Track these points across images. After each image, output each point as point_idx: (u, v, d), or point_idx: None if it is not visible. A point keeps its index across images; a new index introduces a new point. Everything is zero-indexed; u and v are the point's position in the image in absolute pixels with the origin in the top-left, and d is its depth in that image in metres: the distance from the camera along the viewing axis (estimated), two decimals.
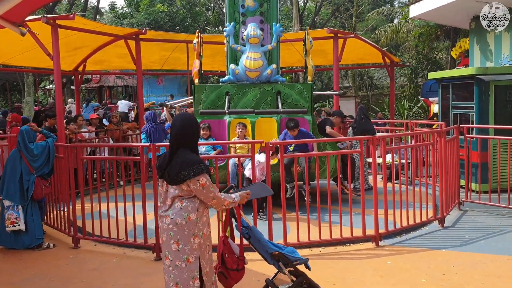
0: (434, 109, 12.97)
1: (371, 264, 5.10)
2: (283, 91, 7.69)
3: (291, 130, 7.06)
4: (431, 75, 9.68)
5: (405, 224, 6.04)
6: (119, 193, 5.91)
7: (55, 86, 8.63)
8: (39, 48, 8.02)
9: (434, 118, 12.68)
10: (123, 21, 25.99)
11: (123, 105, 17.92)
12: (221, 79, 8.17)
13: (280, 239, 5.43)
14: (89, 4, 29.43)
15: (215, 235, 4.31)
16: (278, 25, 7.80)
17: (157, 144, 5.64)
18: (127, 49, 10.26)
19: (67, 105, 17.68)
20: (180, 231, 3.41)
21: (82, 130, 9.71)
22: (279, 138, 7.31)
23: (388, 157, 8.16)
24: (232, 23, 7.82)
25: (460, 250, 5.44)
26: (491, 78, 8.04)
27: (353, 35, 10.90)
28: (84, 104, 17.25)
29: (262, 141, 5.83)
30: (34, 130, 6.22)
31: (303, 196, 6.84)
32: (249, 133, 7.48)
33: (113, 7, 31.20)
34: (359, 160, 6.48)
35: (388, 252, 5.46)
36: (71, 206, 6.02)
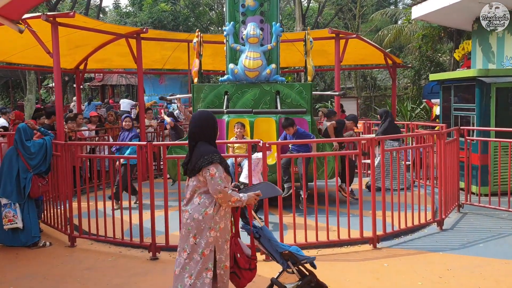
0: (437, 111, 12.88)
1: (368, 266, 5.06)
2: (282, 91, 7.65)
3: (286, 129, 7.02)
4: (433, 77, 9.62)
5: (404, 226, 6.00)
6: None
7: (55, 84, 8.61)
8: (40, 46, 8.00)
9: (437, 120, 12.61)
10: (127, 20, 26.05)
11: (126, 104, 17.92)
12: (220, 79, 8.14)
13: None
14: (93, 3, 29.51)
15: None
16: (278, 25, 7.76)
17: (154, 143, 5.61)
18: (128, 48, 10.25)
19: (72, 103, 17.71)
20: (198, 226, 3.49)
21: (82, 129, 9.69)
22: (280, 139, 7.28)
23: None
24: (232, 23, 7.79)
25: (459, 253, 5.39)
26: (493, 80, 7.98)
27: (355, 36, 10.84)
28: (86, 103, 17.27)
29: (260, 141, 5.78)
30: (32, 128, 6.19)
31: (300, 197, 6.80)
32: (248, 133, 7.45)
33: (117, 6, 31.29)
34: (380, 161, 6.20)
35: (386, 254, 5.42)
36: (68, 205, 6.00)
